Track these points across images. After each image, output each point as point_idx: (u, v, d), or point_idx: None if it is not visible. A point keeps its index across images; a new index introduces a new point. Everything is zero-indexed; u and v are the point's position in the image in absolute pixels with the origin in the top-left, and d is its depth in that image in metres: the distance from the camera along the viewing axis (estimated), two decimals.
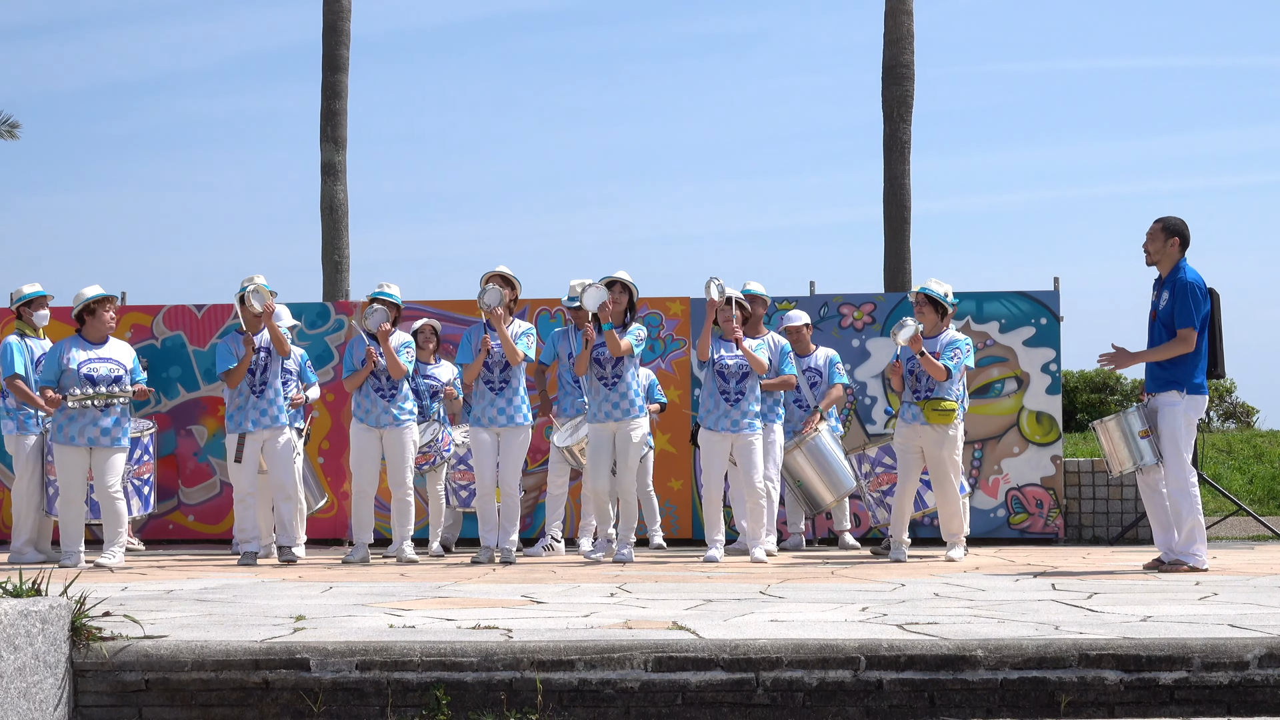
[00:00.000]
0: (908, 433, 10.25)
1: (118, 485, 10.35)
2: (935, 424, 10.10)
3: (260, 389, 10.62)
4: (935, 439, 10.15)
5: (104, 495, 10.35)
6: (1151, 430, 8.93)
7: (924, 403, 10.13)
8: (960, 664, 4.84)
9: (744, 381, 10.52)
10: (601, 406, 10.32)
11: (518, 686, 4.82)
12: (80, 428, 10.22)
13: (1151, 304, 9.07)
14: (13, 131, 22.46)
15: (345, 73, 19.80)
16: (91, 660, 4.94)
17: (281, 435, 10.64)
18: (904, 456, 10.30)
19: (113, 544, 10.32)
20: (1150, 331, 9.02)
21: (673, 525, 12.75)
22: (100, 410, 10.22)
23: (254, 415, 10.59)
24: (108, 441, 10.26)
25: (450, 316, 12.75)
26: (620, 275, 10.44)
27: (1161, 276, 9.03)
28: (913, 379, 10.27)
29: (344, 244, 19.42)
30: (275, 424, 10.62)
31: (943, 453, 10.16)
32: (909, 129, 18.82)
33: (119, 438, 10.32)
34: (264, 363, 10.63)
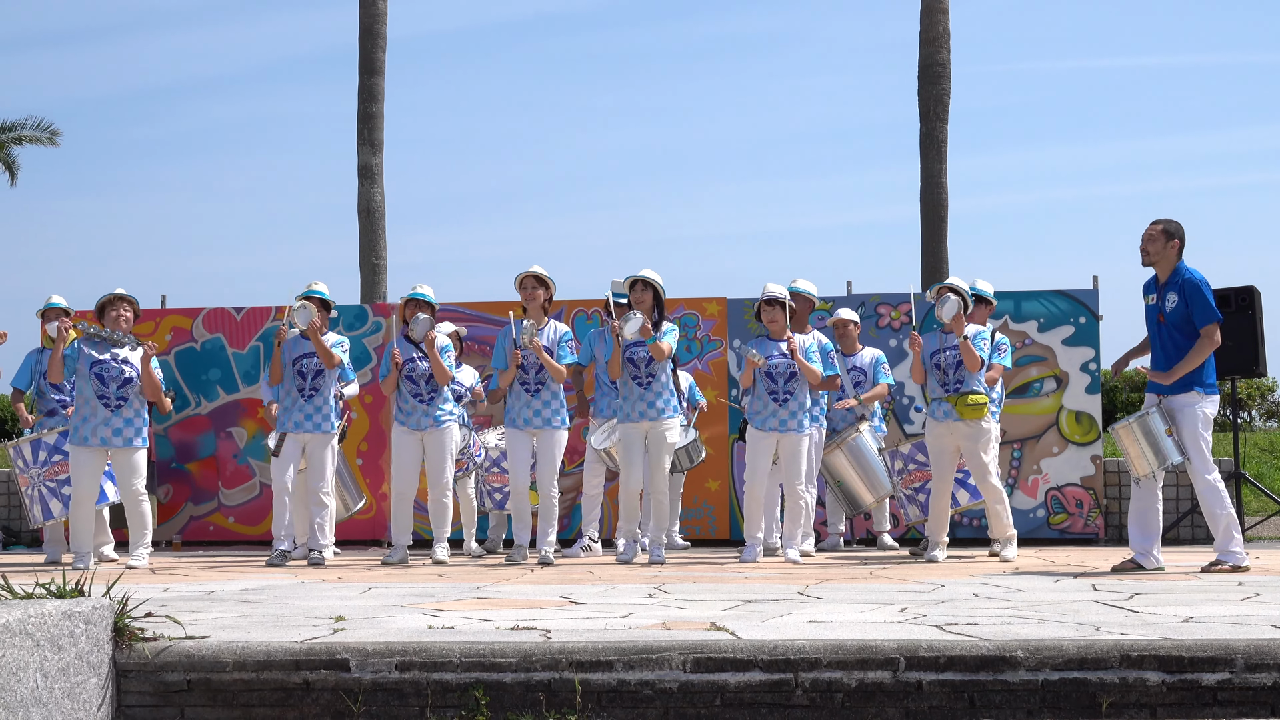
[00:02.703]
0: (940, 430, 10.17)
1: (141, 486, 10.41)
2: (968, 419, 10.03)
3: (310, 394, 10.66)
4: (969, 434, 10.08)
5: (129, 496, 10.40)
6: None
7: (954, 397, 10.05)
8: (1000, 665, 4.82)
9: (792, 381, 10.51)
10: (636, 406, 10.32)
11: (556, 687, 4.83)
12: (93, 428, 10.28)
13: (1151, 308, 8.97)
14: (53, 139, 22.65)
15: (381, 76, 19.90)
16: (134, 660, 4.97)
17: (325, 441, 10.68)
18: (939, 456, 10.21)
19: (139, 545, 10.37)
20: (1159, 335, 8.87)
21: (710, 525, 12.75)
22: (111, 409, 10.27)
23: (298, 417, 10.64)
24: (120, 442, 10.32)
25: (484, 318, 12.78)
26: (644, 273, 10.45)
27: (1161, 279, 8.93)
28: (940, 372, 10.18)
29: (381, 246, 19.51)
30: (319, 430, 10.65)
31: (977, 447, 10.09)
32: (945, 128, 18.78)
33: (131, 438, 10.37)
34: (316, 368, 10.67)
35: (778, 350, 10.54)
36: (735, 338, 12.67)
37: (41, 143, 22.61)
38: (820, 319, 12.33)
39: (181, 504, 13.21)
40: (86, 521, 10.35)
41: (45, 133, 22.57)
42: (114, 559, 11.22)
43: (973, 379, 10.09)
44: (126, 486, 10.38)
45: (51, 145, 22.69)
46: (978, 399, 10.01)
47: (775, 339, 10.57)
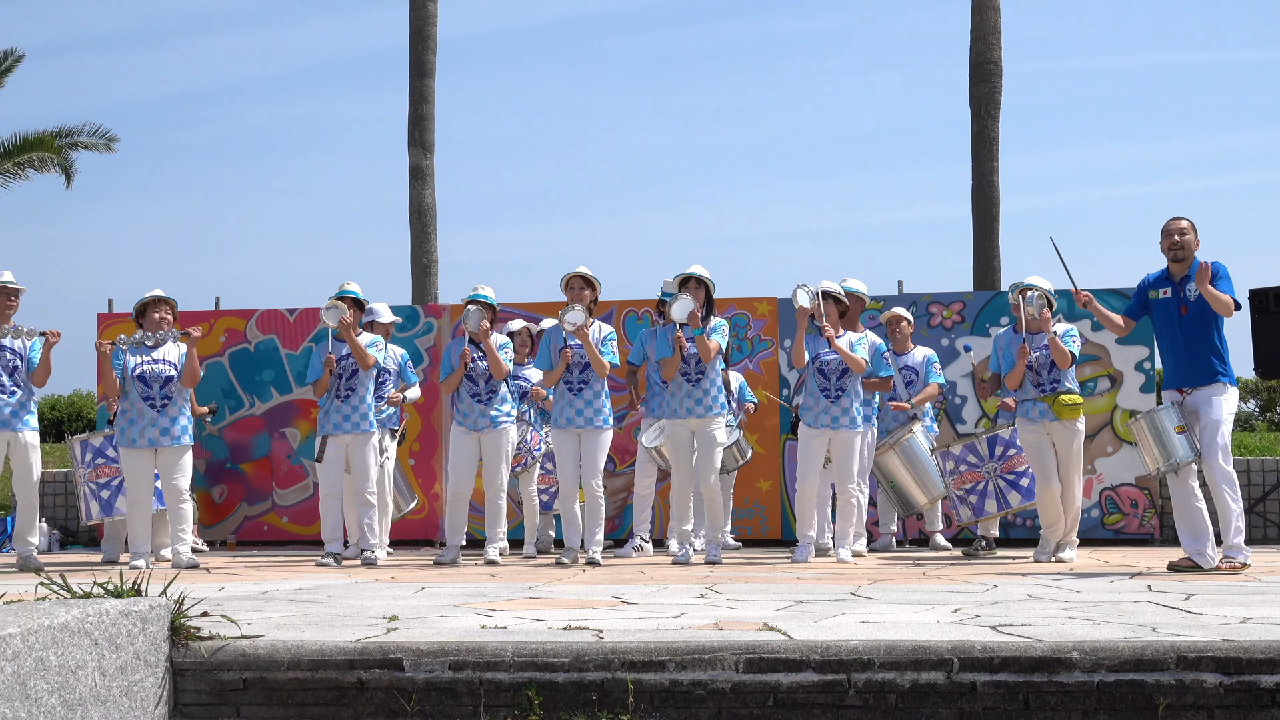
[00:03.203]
0: (1037, 430, 10.09)
1: (185, 484, 10.48)
2: (1065, 419, 9.97)
3: (345, 394, 10.70)
4: (1066, 435, 10.02)
5: (171, 494, 10.45)
6: (1190, 427, 8.76)
7: (1050, 397, 9.99)
8: (1055, 666, 4.79)
9: (844, 378, 10.47)
10: (683, 403, 10.31)
11: (609, 687, 4.83)
12: (140, 429, 10.36)
13: (1167, 301, 8.86)
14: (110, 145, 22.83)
15: (432, 78, 19.95)
16: (190, 659, 5.01)
17: (365, 440, 10.72)
18: (1039, 456, 10.08)
19: (178, 542, 10.44)
20: (1179, 328, 8.77)
21: (761, 525, 12.73)
22: (157, 410, 10.36)
23: (336, 419, 10.69)
24: (168, 441, 10.38)
25: (534, 318, 12.79)
26: (696, 270, 10.43)
27: (1179, 273, 8.83)
28: (1032, 373, 10.12)
29: (432, 247, 19.57)
30: (358, 429, 10.69)
31: (1073, 448, 10.03)
32: (997, 126, 18.66)
33: (178, 436, 10.43)
34: (351, 368, 10.72)
35: (826, 346, 10.50)
36: (786, 337, 12.64)
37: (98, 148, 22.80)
38: (871, 319, 12.28)
39: (236, 504, 13.31)
40: (143, 522, 10.43)
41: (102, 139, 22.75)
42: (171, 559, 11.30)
43: (1066, 377, 10.04)
44: (169, 484, 10.43)
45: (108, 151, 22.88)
46: (1074, 398, 9.97)
47: (825, 336, 10.53)
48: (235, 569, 10.21)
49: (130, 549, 10.46)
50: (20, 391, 10.39)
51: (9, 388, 10.33)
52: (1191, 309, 8.75)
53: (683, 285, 10.40)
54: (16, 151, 22.41)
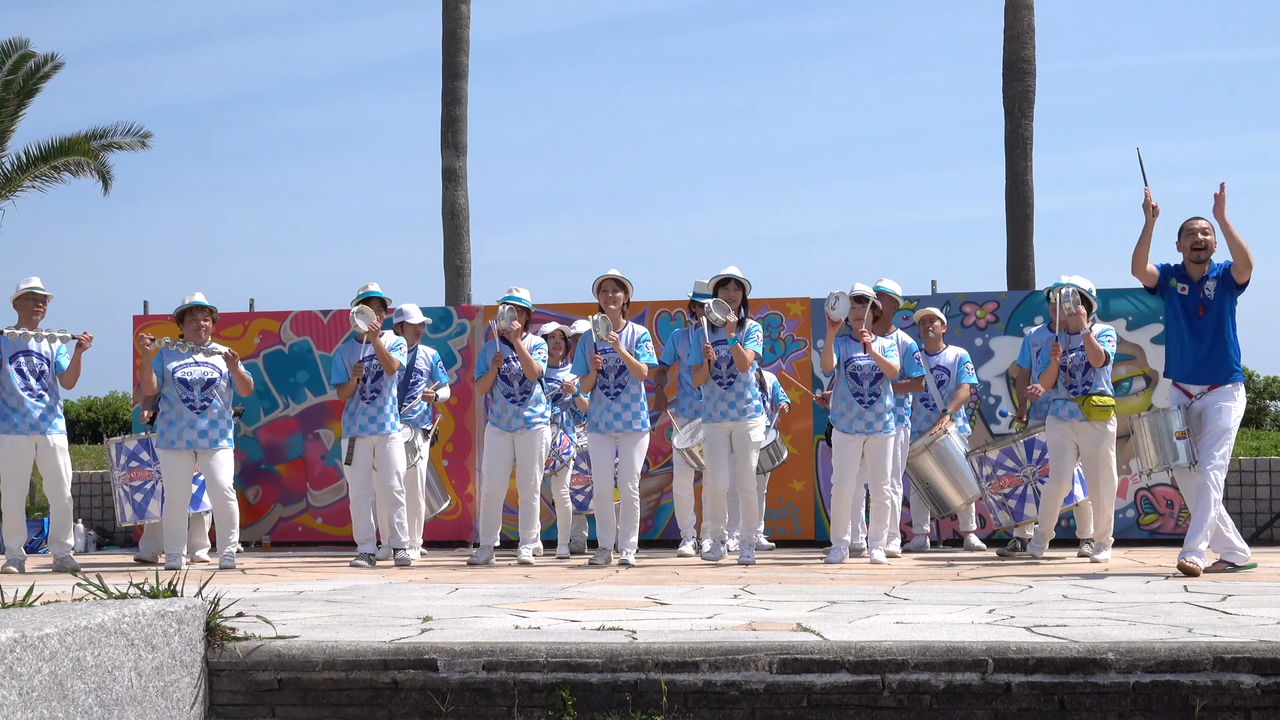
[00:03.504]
0: (1065, 429, 10.05)
1: (228, 485, 10.55)
2: (1095, 420, 9.92)
3: (371, 396, 10.74)
4: (1094, 436, 9.97)
5: (215, 496, 10.54)
6: (1195, 431, 8.60)
7: (1082, 398, 9.94)
8: (1091, 667, 4.76)
9: (877, 383, 10.44)
10: (718, 406, 10.30)
11: (643, 688, 4.83)
12: (179, 430, 10.43)
13: (1188, 298, 8.69)
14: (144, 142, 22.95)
15: (465, 79, 19.99)
16: (226, 660, 5.03)
17: (389, 441, 10.74)
18: (1059, 454, 10.07)
19: (225, 544, 10.51)
20: (1197, 326, 8.62)
21: (795, 526, 12.71)
22: (196, 412, 10.41)
23: (362, 420, 10.73)
24: (206, 444, 10.45)
25: (567, 319, 12.78)
26: (732, 272, 10.42)
27: (1197, 275, 8.66)
28: (1065, 374, 10.06)
29: (465, 249, 19.61)
30: (383, 430, 10.73)
31: (1100, 450, 9.98)
32: (1031, 125, 18.59)
33: (217, 439, 10.51)
34: (376, 369, 10.75)
35: (859, 350, 10.47)
36: (819, 338, 12.61)
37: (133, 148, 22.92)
38: (905, 319, 12.24)
39: (270, 505, 13.36)
40: (179, 523, 10.51)
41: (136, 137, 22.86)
42: (207, 560, 11.37)
43: (1099, 378, 9.98)
44: (213, 486, 10.54)
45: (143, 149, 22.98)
46: (1105, 400, 9.91)
47: (857, 339, 10.50)
48: (270, 569, 10.25)
49: (165, 550, 10.52)
50: (49, 395, 10.48)
51: (37, 391, 10.42)
52: (1210, 310, 8.64)
53: (720, 287, 10.39)
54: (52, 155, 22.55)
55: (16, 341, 10.40)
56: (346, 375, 10.73)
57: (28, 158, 22.61)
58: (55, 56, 22.66)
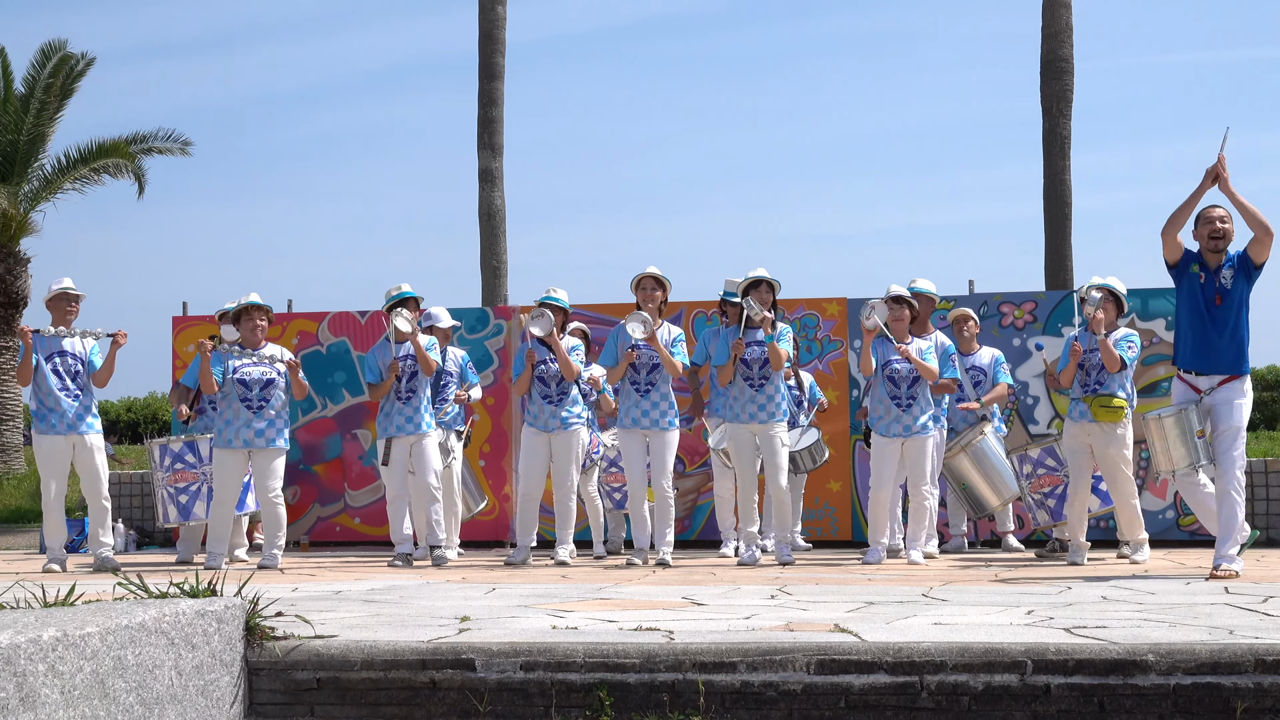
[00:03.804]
0: (1076, 431, 9.96)
1: (278, 488, 10.61)
2: (1103, 421, 9.80)
3: (407, 396, 10.77)
4: (1104, 437, 9.86)
5: (264, 498, 10.60)
6: (1211, 429, 8.49)
7: (1091, 398, 9.85)
8: (1131, 669, 4.74)
9: (915, 385, 10.41)
10: (746, 408, 10.27)
11: (680, 688, 4.83)
12: (235, 430, 10.50)
13: (1205, 285, 8.50)
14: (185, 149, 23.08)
15: (501, 80, 20.04)
16: (265, 659, 5.06)
17: (425, 439, 10.77)
18: (1074, 457, 10.00)
19: (272, 546, 10.56)
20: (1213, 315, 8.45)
21: (832, 526, 12.69)
22: (253, 412, 10.48)
23: (399, 421, 10.75)
24: (263, 443, 10.51)
25: (604, 319, 12.79)
26: (762, 273, 10.40)
27: (1214, 264, 8.50)
28: (1082, 373, 9.98)
29: (502, 249, 19.66)
30: (418, 430, 10.76)
31: (1111, 451, 9.87)
32: (1069, 124, 18.52)
33: (273, 438, 10.56)
34: (411, 369, 10.78)
35: (896, 354, 10.43)
36: (855, 338, 12.58)
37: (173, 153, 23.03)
38: (941, 319, 12.19)
39: (309, 505, 13.42)
40: (225, 522, 10.57)
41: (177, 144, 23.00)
42: (245, 560, 11.42)
43: (1113, 381, 9.88)
44: (263, 487, 10.59)
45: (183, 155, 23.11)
46: (1117, 402, 9.78)
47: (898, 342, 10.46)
48: (308, 569, 10.29)
49: (208, 548, 10.58)
50: (84, 395, 10.53)
51: (73, 391, 10.47)
52: (1228, 299, 8.50)
53: (750, 289, 10.36)
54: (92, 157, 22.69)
55: (52, 341, 10.46)
56: (379, 375, 10.76)
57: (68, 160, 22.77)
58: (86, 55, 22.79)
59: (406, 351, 10.80)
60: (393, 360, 10.72)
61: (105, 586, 6.95)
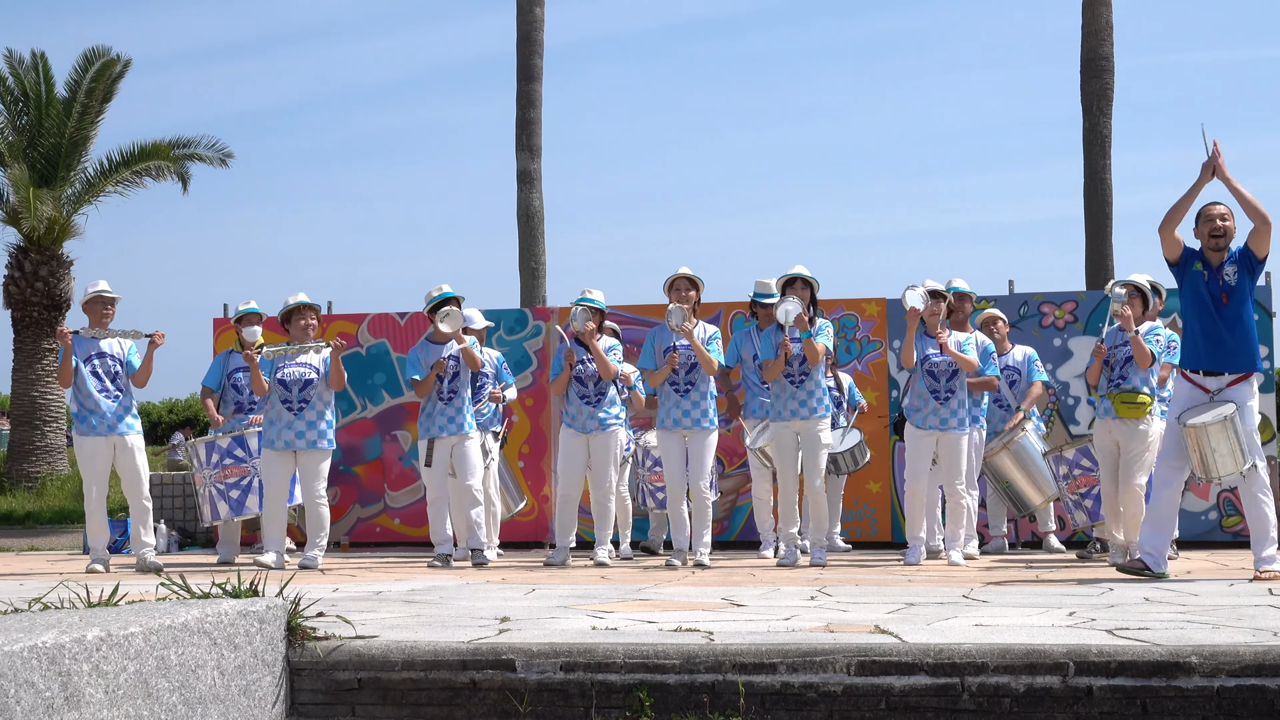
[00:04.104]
0: (1100, 429, 9.86)
1: (321, 489, 10.66)
2: (1125, 417, 9.60)
3: (449, 396, 10.78)
4: (1125, 433, 9.65)
5: (308, 498, 10.67)
6: None
7: (1114, 394, 9.71)
8: (1174, 671, 4.71)
9: (954, 379, 10.40)
10: (787, 404, 10.27)
11: (720, 689, 4.83)
12: (278, 431, 10.57)
13: (1210, 283, 8.41)
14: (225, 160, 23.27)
15: (539, 82, 20.08)
16: (307, 659, 5.08)
17: (467, 441, 10.79)
18: (1103, 456, 9.87)
19: (314, 547, 10.62)
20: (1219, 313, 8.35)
21: (871, 527, 12.65)
22: (294, 413, 10.53)
23: (441, 421, 10.76)
24: (304, 444, 10.57)
25: (641, 320, 12.79)
26: (800, 271, 10.38)
27: (1216, 262, 8.41)
28: (1108, 370, 9.87)
29: (540, 250, 19.69)
30: (461, 430, 10.76)
31: (1132, 447, 9.61)
32: (1109, 122, 18.43)
33: (315, 440, 10.61)
34: (454, 370, 10.79)
35: (934, 347, 10.41)
36: (895, 338, 12.54)
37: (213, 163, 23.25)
38: None
39: (349, 506, 13.47)
40: (278, 520, 10.68)
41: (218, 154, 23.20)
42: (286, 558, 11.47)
43: (1136, 376, 9.72)
44: (307, 488, 10.68)
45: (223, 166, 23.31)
46: (1141, 398, 9.63)
47: (933, 335, 10.44)
48: (349, 570, 10.34)
49: (264, 545, 10.67)
50: (123, 395, 10.58)
51: (112, 392, 10.53)
52: (1233, 296, 8.40)
53: (787, 286, 10.35)
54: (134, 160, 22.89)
55: (91, 342, 10.53)
56: (422, 371, 10.79)
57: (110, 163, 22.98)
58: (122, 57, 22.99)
59: (449, 351, 10.82)
60: (438, 359, 10.73)
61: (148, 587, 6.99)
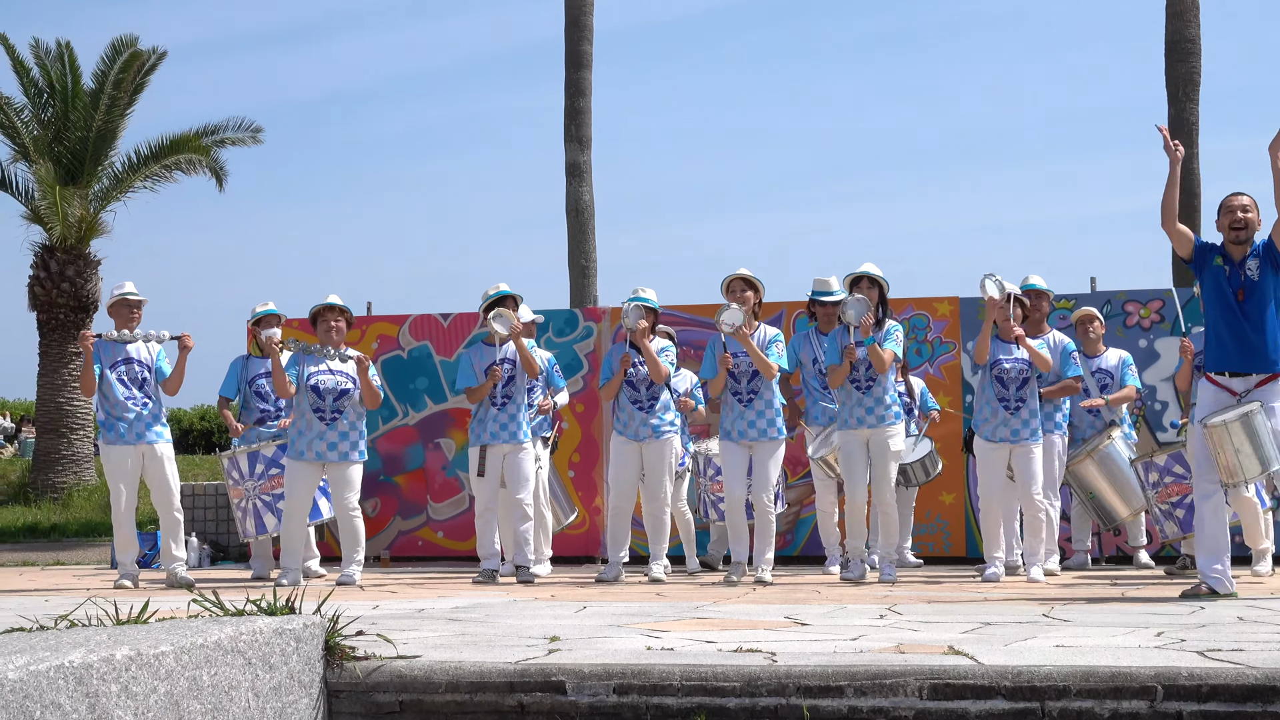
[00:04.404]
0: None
1: (355, 501, 10.67)
2: None
3: (503, 402, 10.76)
4: None
5: (341, 511, 10.68)
6: None
7: None
8: (1270, 695, 4.65)
9: (1024, 387, 10.29)
10: (854, 411, 10.20)
11: (783, 713, 4.81)
12: (308, 441, 10.56)
13: (1231, 279, 8.30)
14: (256, 136, 23.39)
15: (589, 69, 20.08)
16: (345, 680, 5.09)
17: (522, 450, 10.78)
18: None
19: (350, 561, 10.63)
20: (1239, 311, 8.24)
21: (945, 542, 12.58)
22: (326, 423, 10.54)
23: (493, 428, 10.75)
24: (336, 456, 10.57)
25: (697, 320, 12.75)
26: (868, 269, 10.30)
27: (1237, 256, 8.31)
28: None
29: (590, 247, 19.69)
30: (515, 439, 10.75)
31: None
32: (1196, 109, 18.27)
33: (347, 451, 10.61)
34: (509, 374, 10.78)
35: (1005, 352, 10.30)
36: (969, 339, 12.44)
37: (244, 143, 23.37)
38: (1062, 319, 12.05)
39: (389, 518, 13.51)
40: (298, 536, 10.66)
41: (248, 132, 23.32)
42: (321, 573, 11.52)
43: None
44: (340, 501, 10.68)
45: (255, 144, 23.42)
46: None
47: (1004, 340, 10.35)
48: (389, 586, 10.37)
49: (281, 564, 10.66)
50: (152, 402, 10.57)
51: (140, 399, 10.52)
52: (1254, 292, 8.28)
53: (853, 285, 10.29)
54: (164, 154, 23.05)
55: (117, 347, 10.54)
56: (475, 378, 10.77)
57: (139, 157, 23.15)
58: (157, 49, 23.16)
59: (504, 355, 10.80)
60: (491, 365, 10.72)
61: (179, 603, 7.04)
